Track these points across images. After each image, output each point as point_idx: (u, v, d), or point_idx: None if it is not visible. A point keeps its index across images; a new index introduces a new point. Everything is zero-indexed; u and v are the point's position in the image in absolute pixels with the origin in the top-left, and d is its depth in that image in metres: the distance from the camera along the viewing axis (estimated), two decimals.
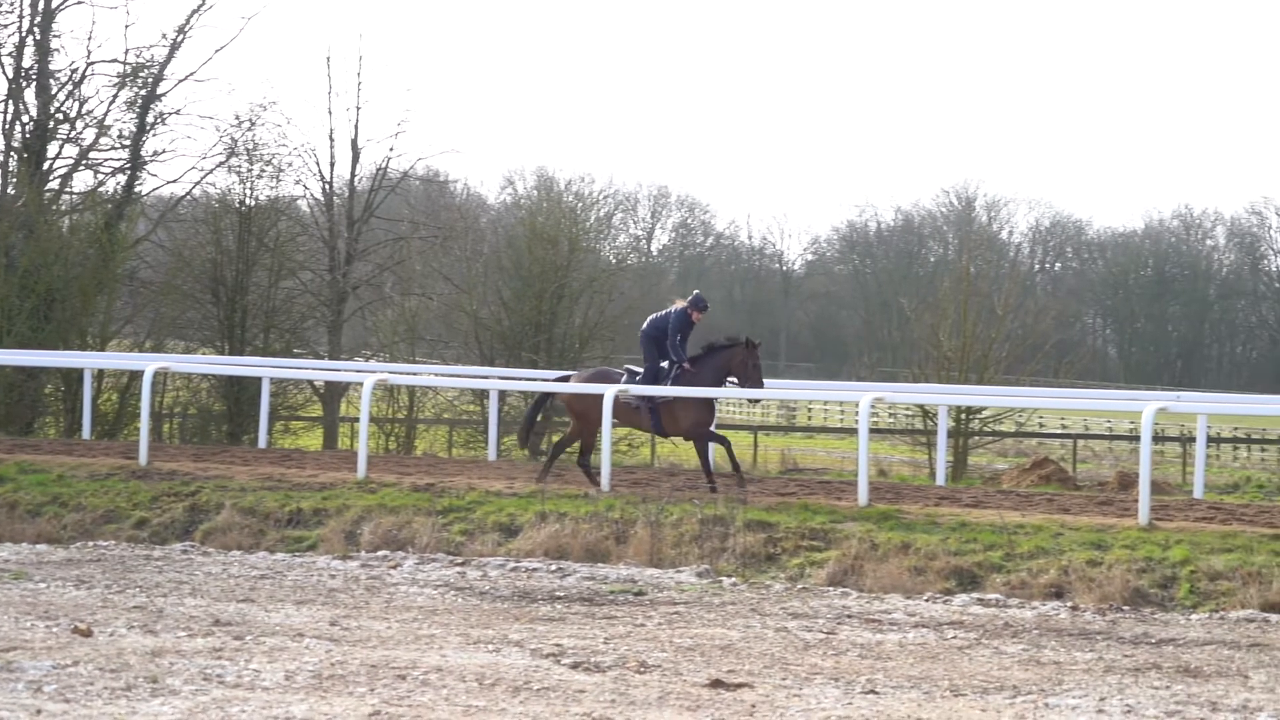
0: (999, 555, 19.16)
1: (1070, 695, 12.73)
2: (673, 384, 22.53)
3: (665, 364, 22.72)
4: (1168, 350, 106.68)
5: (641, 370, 22.98)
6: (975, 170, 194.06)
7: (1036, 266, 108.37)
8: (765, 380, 23.07)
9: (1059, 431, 53.19)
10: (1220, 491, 33.40)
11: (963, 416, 34.37)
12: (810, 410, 68.98)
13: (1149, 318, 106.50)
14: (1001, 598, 18.16)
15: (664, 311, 23.08)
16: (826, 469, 37.10)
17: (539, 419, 25.12)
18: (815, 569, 19.42)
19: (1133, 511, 20.84)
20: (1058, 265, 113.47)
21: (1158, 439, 36.57)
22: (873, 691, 12.71)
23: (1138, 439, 22.05)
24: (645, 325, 23.13)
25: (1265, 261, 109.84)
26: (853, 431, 23.82)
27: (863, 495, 21.72)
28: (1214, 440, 48.97)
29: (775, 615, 16.68)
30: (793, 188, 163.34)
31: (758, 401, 23.33)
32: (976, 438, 36.64)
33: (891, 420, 50.74)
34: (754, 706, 12.01)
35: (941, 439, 26.07)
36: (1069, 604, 17.83)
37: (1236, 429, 55.75)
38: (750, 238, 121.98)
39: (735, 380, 22.66)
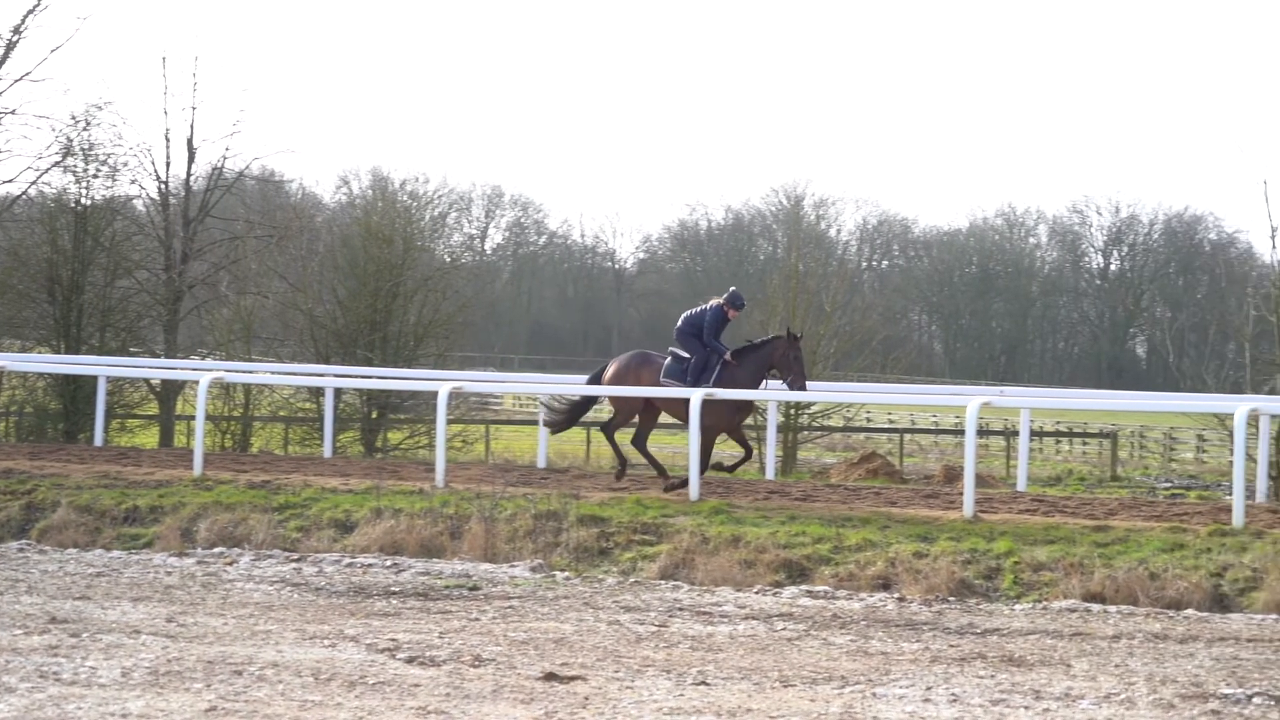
0: (827, 548, 19.43)
1: (897, 685, 12.99)
2: (715, 380, 22.39)
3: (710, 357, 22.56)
4: (992, 346, 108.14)
5: (686, 355, 22.68)
6: (804, 170, 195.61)
7: (864, 264, 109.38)
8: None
9: (886, 426, 53.83)
10: (1043, 484, 34.00)
11: (792, 412, 34.76)
12: None
13: (973, 314, 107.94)
14: (830, 590, 18.42)
15: (699, 308, 22.93)
16: None
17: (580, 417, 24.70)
18: (647, 563, 19.60)
19: (958, 504, 21.25)
20: (885, 263, 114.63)
21: (982, 433, 37.18)
22: (704, 683, 12.90)
23: (963, 433, 22.46)
24: (680, 322, 22.83)
25: (1086, 259, 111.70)
26: (684, 427, 24.13)
27: (694, 490, 21.97)
28: (1037, 434, 49.76)
29: (608, 608, 16.84)
30: (624, 187, 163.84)
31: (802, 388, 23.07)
32: (806, 432, 37.07)
33: None
34: (587, 699, 12.16)
35: (771, 433, 26.38)
36: (896, 595, 18.13)
37: (1059, 423, 56.69)
38: (583, 236, 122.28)
39: (776, 373, 22.52)
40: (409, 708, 11.70)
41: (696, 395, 21.85)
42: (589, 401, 24.24)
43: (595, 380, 23.60)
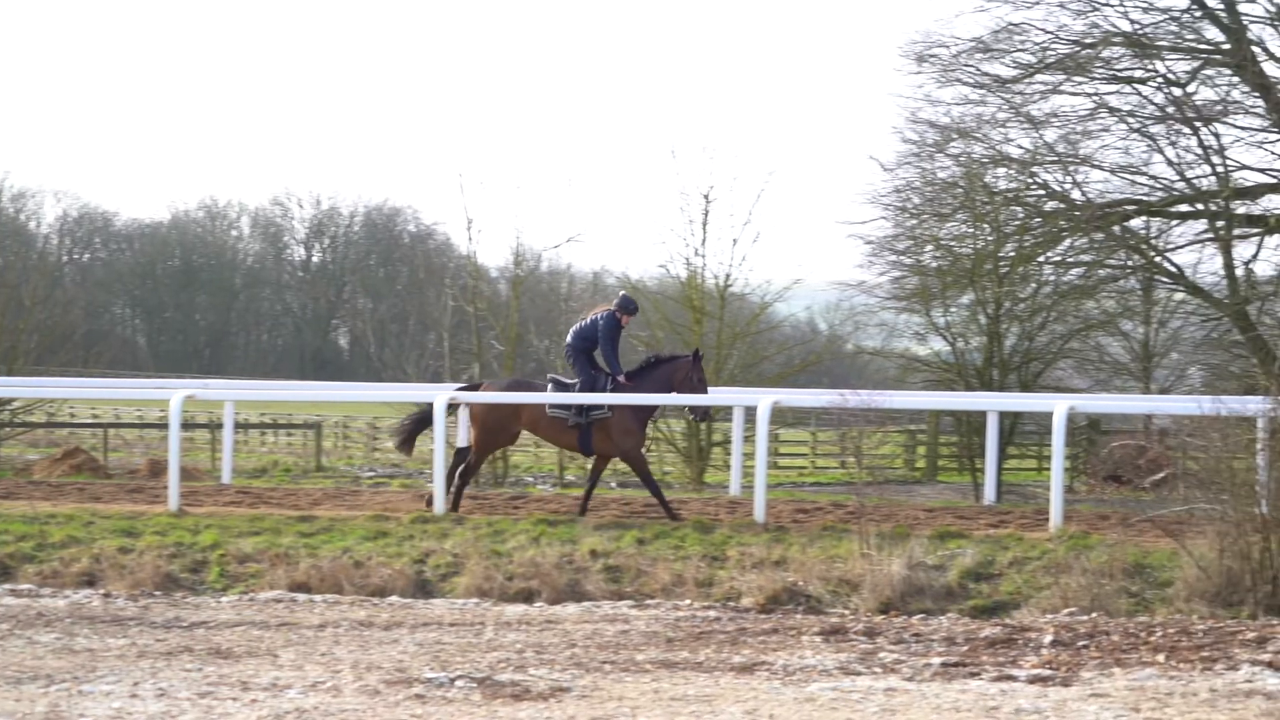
0: (31, 546, 19.09)
1: (104, 681, 12.88)
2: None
3: (600, 376, 20.52)
4: (196, 339, 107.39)
5: (570, 382, 20.62)
6: (1, 161, 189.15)
7: (65, 257, 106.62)
8: None
9: (90, 421, 52.72)
10: (249, 476, 34.13)
11: None
12: None
13: (177, 307, 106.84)
14: (34, 588, 18.11)
15: (588, 319, 20.83)
16: None
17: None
18: None
19: (164, 498, 21.20)
20: (86, 256, 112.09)
21: (187, 426, 36.94)
22: None
23: (167, 426, 22.38)
24: (570, 338, 20.81)
25: (288, 251, 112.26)
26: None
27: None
28: (242, 426, 49.76)
29: None
30: None
31: (706, 416, 20.37)
32: (7, 429, 36.06)
33: None
34: None
35: None
36: (102, 591, 17.96)
37: (264, 414, 56.92)
38: None
39: (677, 395, 20.72)
40: None
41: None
42: (424, 421, 21.62)
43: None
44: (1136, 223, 31.53)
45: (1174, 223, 31.51)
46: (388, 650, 14.51)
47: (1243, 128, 30.26)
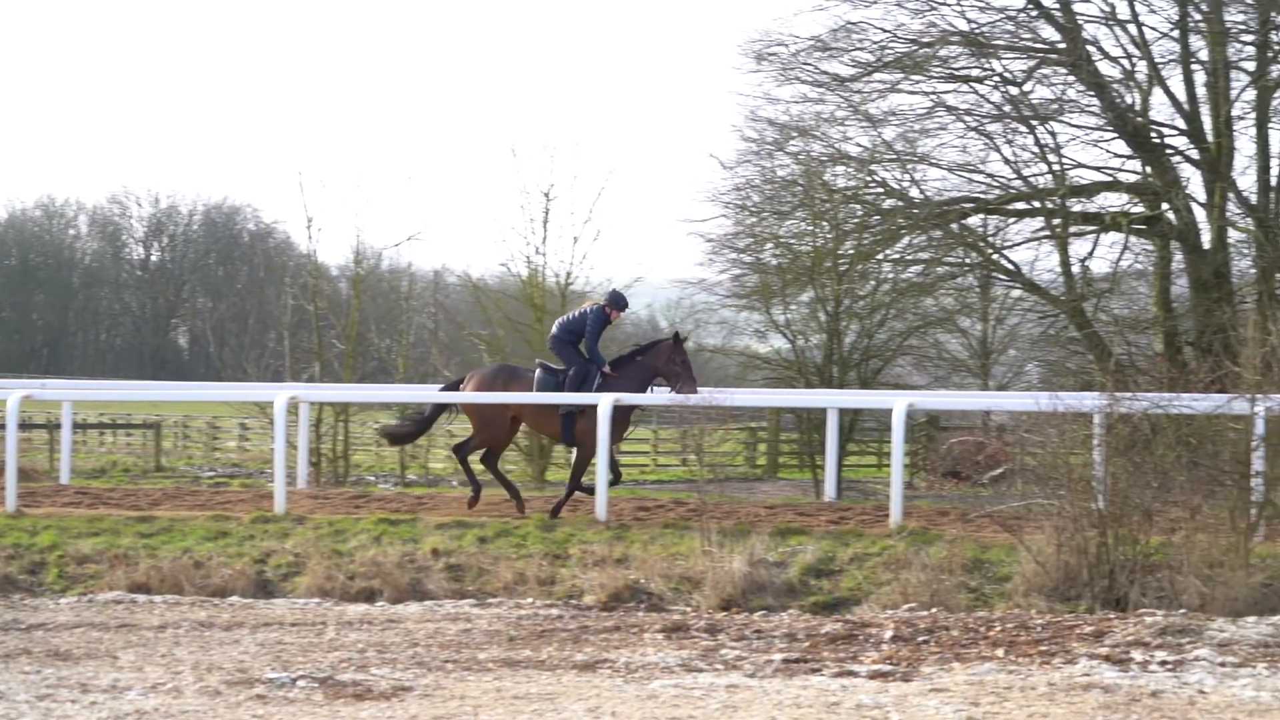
0: None
1: None
2: (595, 392, 20.23)
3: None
4: (34, 338, 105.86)
5: (560, 369, 20.59)
6: None
7: None
8: None
9: None
10: (88, 476, 33.70)
11: None
12: None
13: (14, 307, 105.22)
14: None
15: (577, 312, 20.96)
16: None
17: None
18: None
19: (0, 499, 20.90)
20: None
21: (25, 426, 36.44)
22: None
23: (3, 427, 22.09)
24: (555, 330, 20.87)
25: (127, 250, 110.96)
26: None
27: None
28: (80, 426, 49.15)
29: None
30: None
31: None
32: None
33: None
34: None
35: None
36: None
37: (103, 414, 56.24)
38: None
39: (663, 382, 20.53)
40: None
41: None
42: (440, 411, 21.87)
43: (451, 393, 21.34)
44: (974, 220, 31.89)
45: (1011, 220, 31.91)
46: (229, 651, 14.41)
47: (1078, 126, 30.74)
